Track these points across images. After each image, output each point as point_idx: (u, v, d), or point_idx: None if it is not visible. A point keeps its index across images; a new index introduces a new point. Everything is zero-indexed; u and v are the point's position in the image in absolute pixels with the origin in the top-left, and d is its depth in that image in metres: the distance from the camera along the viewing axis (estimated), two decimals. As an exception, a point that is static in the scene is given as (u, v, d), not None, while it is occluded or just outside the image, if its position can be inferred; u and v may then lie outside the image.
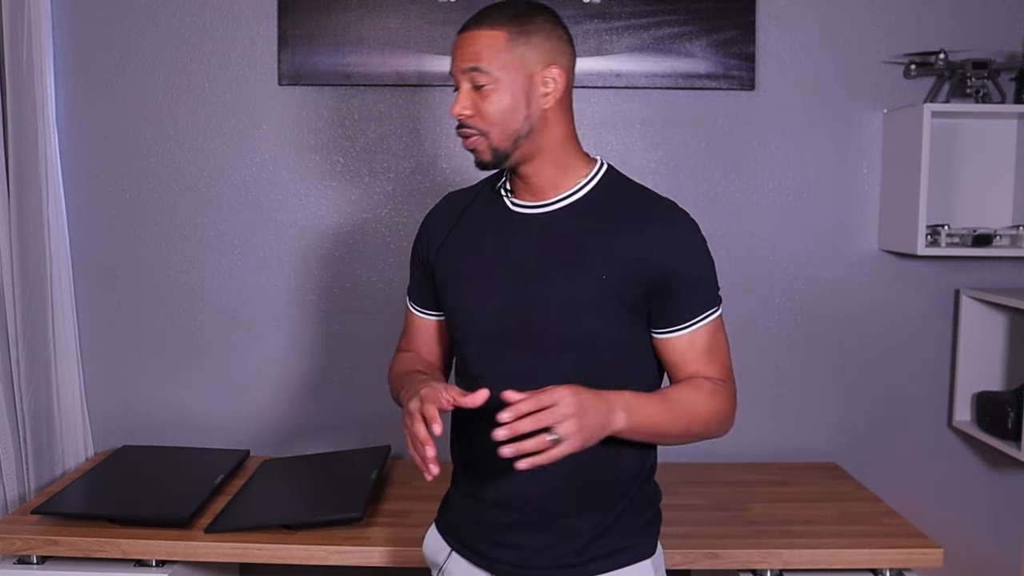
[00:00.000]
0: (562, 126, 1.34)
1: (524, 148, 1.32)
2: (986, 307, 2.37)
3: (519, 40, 1.28)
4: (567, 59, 1.32)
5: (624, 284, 1.30)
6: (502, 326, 1.35)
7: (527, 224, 1.37)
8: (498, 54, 1.28)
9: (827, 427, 2.46)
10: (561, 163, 1.35)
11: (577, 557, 1.36)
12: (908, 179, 2.23)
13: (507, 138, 1.31)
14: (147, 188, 2.41)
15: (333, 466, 2.22)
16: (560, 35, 1.32)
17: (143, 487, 2.10)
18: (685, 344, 1.34)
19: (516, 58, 1.28)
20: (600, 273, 1.30)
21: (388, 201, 2.41)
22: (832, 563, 1.85)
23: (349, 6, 2.33)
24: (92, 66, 2.38)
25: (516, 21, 1.29)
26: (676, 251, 1.31)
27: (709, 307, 1.34)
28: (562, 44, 1.32)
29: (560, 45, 1.32)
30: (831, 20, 2.36)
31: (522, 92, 1.29)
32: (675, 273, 1.30)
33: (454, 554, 1.47)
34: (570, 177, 1.36)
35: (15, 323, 2.32)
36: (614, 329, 1.33)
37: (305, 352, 2.44)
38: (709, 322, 1.34)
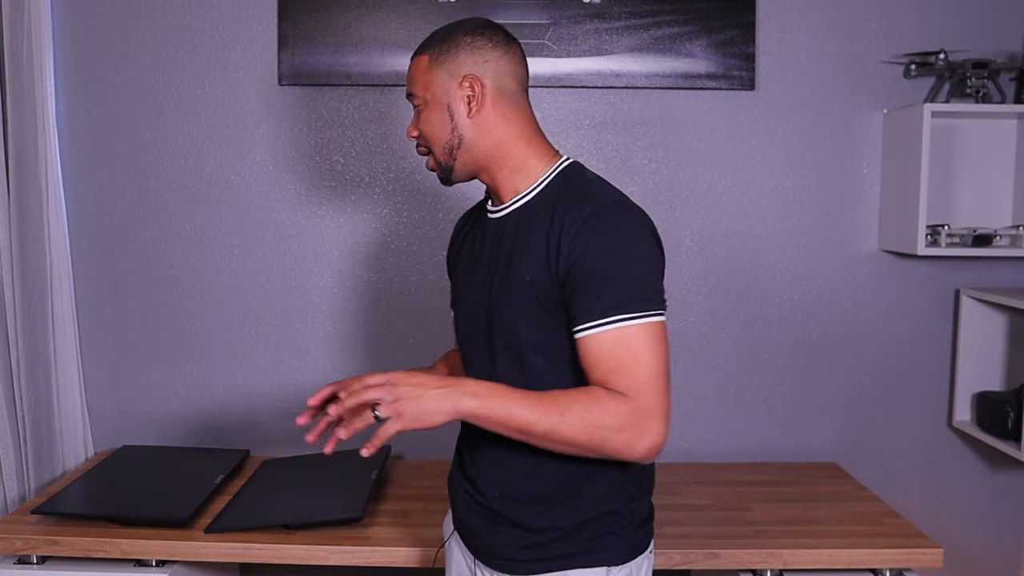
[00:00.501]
0: (502, 131, 1.37)
1: (465, 158, 1.38)
2: (986, 307, 2.37)
3: (437, 61, 1.37)
4: (485, 67, 1.35)
5: (543, 285, 1.30)
6: (468, 327, 1.45)
7: (492, 229, 1.42)
8: (421, 77, 1.38)
9: (827, 427, 2.46)
10: (513, 167, 1.39)
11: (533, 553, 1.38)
12: (908, 179, 2.23)
13: (443, 152, 1.39)
14: (147, 188, 2.41)
15: (333, 466, 2.22)
16: (479, 46, 1.36)
17: (143, 487, 2.09)
18: (590, 347, 1.25)
19: (434, 78, 1.37)
20: (524, 275, 1.32)
21: (388, 201, 2.41)
22: (832, 563, 1.85)
23: (349, 6, 2.33)
24: (92, 66, 2.38)
25: (437, 43, 1.38)
26: (585, 245, 1.26)
27: (620, 311, 1.23)
28: (479, 54, 1.35)
29: (475, 56, 1.35)
30: (831, 20, 2.36)
31: (443, 108, 1.37)
32: (578, 267, 1.26)
33: (456, 532, 1.53)
34: (525, 179, 1.38)
35: (15, 323, 2.32)
36: (536, 332, 1.32)
37: (305, 352, 2.44)
38: (618, 328, 1.23)
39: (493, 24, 1.40)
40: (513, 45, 1.39)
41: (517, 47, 1.40)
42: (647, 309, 1.24)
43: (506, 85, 1.37)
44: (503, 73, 1.36)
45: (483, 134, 1.37)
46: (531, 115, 1.41)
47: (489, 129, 1.37)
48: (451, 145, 1.38)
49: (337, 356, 2.44)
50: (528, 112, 1.40)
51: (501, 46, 1.37)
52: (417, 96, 1.39)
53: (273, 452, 2.42)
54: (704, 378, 2.43)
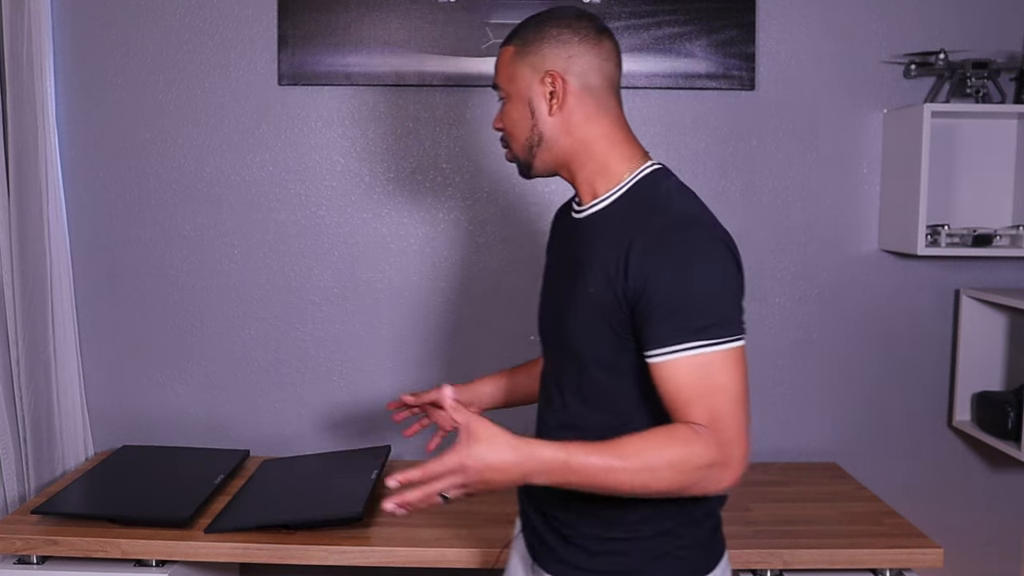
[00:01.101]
0: (584, 131, 1.32)
1: (544, 156, 1.35)
2: (986, 307, 2.37)
3: (522, 52, 1.33)
4: (569, 63, 1.30)
5: (609, 303, 1.24)
6: (542, 329, 1.45)
7: (573, 228, 1.38)
8: (505, 68, 1.35)
9: (827, 427, 2.46)
10: (595, 168, 1.33)
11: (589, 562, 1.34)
12: (908, 179, 2.23)
13: (522, 148, 1.35)
14: (147, 188, 2.41)
15: (333, 466, 2.22)
16: (564, 40, 1.30)
17: (143, 487, 2.10)
18: (666, 374, 1.20)
19: (517, 71, 1.33)
20: (589, 287, 1.27)
21: (388, 201, 2.41)
22: (832, 563, 1.85)
23: (349, 6, 2.33)
24: (92, 66, 2.38)
25: (524, 34, 1.34)
26: (656, 265, 1.20)
27: (698, 338, 1.18)
28: (563, 48, 1.30)
29: (559, 50, 1.30)
30: (831, 20, 2.36)
31: (524, 103, 1.33)
32: (649, 289, 1.20)
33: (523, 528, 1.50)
34: (606, 182, 1.33)
35: (15, 323, 2.32)
36: (600, 348, 1.28)
37: (305, 352, 2.44)
38: (696, 355, 1.18)
39: (585, 15, 1.33)
40: (604, 39, 1.33)
41: (609, 41, 1.33)
42: (725, 335, 1.19)
43: (592, 82, 1.31)
44: (589, 69, 1.31)
45: (564, 133, 1.32)
46: (618, 114, 1.35)
47: (571, 128, 1.32)
48: (531, 143, 1.34)
49: (337, 356, 2.44)
50: (615, 111, 1.34)
51: (589, 40, 1.31)
52: (501, 88, 1.36)
53: (273, 452, 2.42)
54: (704, 378, 2.43)
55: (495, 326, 2.42)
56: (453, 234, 2.41)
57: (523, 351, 2.43)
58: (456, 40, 2.34)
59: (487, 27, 2.34)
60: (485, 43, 2.34)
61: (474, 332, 2.43)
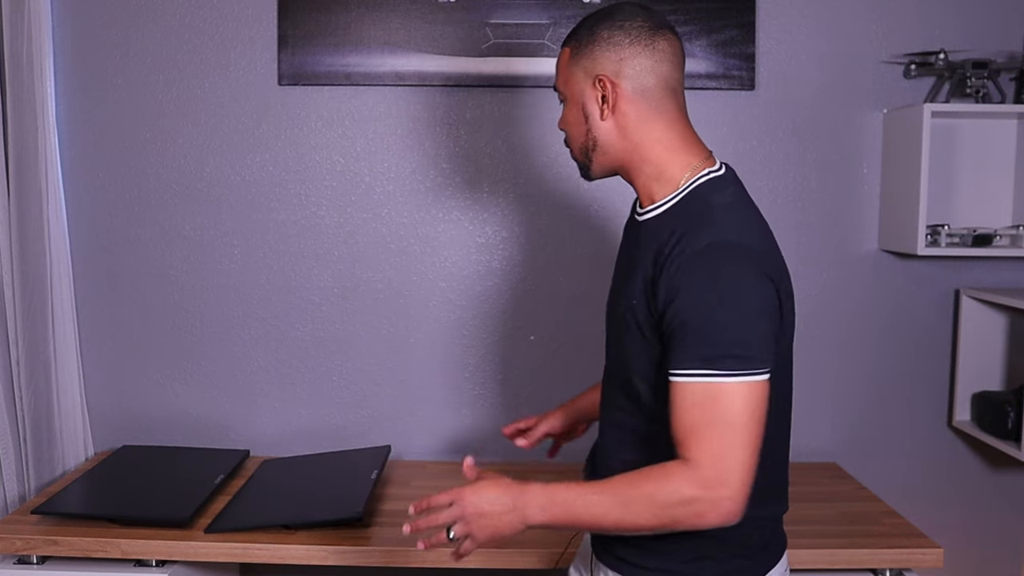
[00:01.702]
0: (639, 136, 1.29)
1: (601, 160, 1.33)
2: (986, 307, 2.37)
3: (576, 56, 1.31)
4: (620, 65, 1.27)
5: (644, 315, 1.23)
6: (606, 325, 1.42)
7: (634, 231, 1.36)
8: (563, 71, 1.34)
9: (827, 427, 2.46)
10: (651, 173, 1.30)
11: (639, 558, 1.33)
12: (908, 179, 2.23)
13: (579, 151, 1.35)
14: (147, 188, 2.41)
15: (333, 466, 2.22)
16: (616, 42, 1.27)
17: (143, 487, 2.10)
18: (676, 395, 1.18)
19: (572, 75, 1.32)
20: (631, 297, 1.26)
21: (388, 201, 2.41)
22: (832, 563, 1.85)
23: (349, 6, 2.33)
24: (92, 66, 2.38)
25: (579, 35, 1.32)
26: (684, 285, 1.17)
27: (712, 366, 1.14)
28: (614, 51, 1.27)
29: (610, 53, 1.27)
30: (831, 20, 2.36)
31: (579, 107, 1.32)
32: (674, 308, 1.18)
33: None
34: (662, 188, 1.30)
35: (15, 323, 2.32)
36: (640, 358, 1.27)
37: (305, 352, 2.44)
38: (707, 383, 1.14)
39: (640, 13, 1.29)
40: (659, 39, 1.28)
41: (665, 41, 1.28)
42: (740, 368, 1.14)
43: (647, 84, 1.27)
44: (642, 72, 1.27)
45: (618, 138, 1.30)
46: (676, 117, 1.30)
47: (625, 133, 1.29)
48: (587, 147, 1.33)
49: (337, 356, 2.44)
50: (673, 114, 1.30)
51: (642, 41, 1.27)
52: (559, 90, 1.36)
53: (273, 452, 2.42)
54: (704, 378, 2.43)
55: (495, 326, 2.43)
56: (453, 234, 2.41)
57: (523, 351, 2.44)
58: (456, 40, 2.34)
59: (487, 27, 2.34)
60: (485, 43, 2.34)
61: (474, 332, 2.43)
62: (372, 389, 2.45)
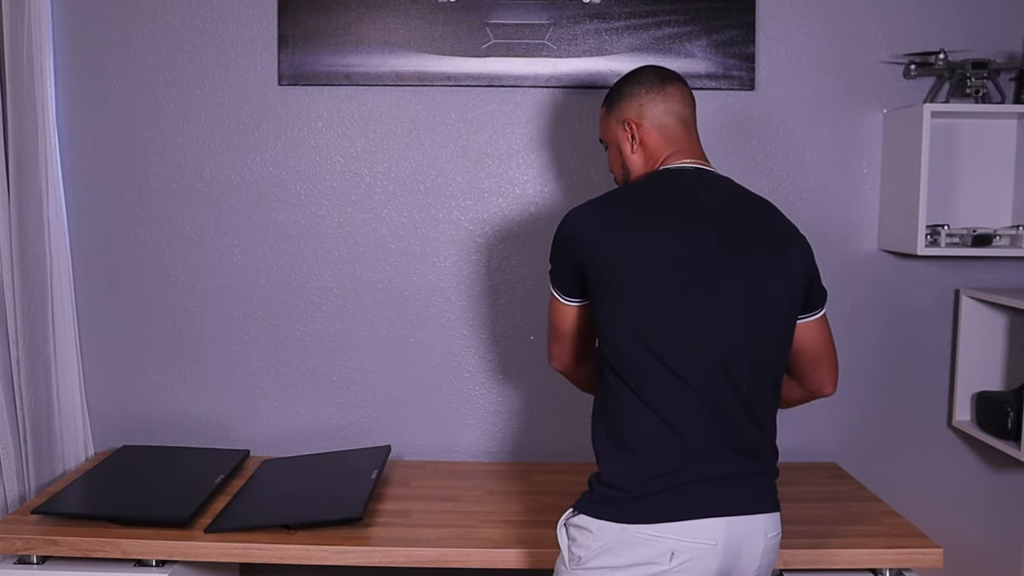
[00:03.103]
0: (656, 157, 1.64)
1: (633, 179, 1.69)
2: (986, 307, 2.37)
3: (609, 112, 1.71)
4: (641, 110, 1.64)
5: None
6: None
7: None
8: (603, 124, 1.74)
9: (827, 427, 2.46)
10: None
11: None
12: (908, 179, 2.23)
13: (620, 182, 1.72)
14: (147, 188, 2.41)
15: (333, 466, 2.22)
16: (635, 94, 1.65)
17: (143, 487, 2.10)
18: None
19: (609, 126, 1.71)
20: None
21: (388, 201, 2.41)
22: (832, 563, 1.85)
23: (349, 6, 2.33)
24: (92, 66, 2.38)
25: (610, 96, 1.71)
26: None
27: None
28: (635, 100, 1.65)
29: (632, 102, 1.65)
30: (831, 20, 2.36)
31: (616, 148, 1.70)
32: None
33: None
34: None
35: (15, 323, 2.32)
36: None
37: (305, 352, 2.44)
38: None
39: (653, 70, 1.68)
40: (668, 86, 1.65)
41: (673, 86, 1.65)
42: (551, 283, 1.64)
43: (664, 122, 1.64)
44: (659, 112, 1.64)
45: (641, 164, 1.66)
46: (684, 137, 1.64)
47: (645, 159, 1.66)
48: (624, 177, 1.70)
49: (336, 356, 2.44)
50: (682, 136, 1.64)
51: (654, 90, 1.64)
52: (602, 141, 1.76)
53: (273, 452, 2.42)
54: (704, 378, 2.43)
55: (495, 326, 2.43)
56: (453, 234, 2.41)
57: (523, 351, 2.44)
58: (456, 40, 2.34)
59: (487, 27, 2.34)
60: (485, 43, 2.34)
61: (474, 332, 2.43)
62: (372, 389, 2.45)
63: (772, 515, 1.52)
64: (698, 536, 1.44)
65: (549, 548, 1.80)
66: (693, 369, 1.47)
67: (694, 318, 1.48)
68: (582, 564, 1.48)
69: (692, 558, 1.43)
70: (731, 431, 1.48)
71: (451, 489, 2.19)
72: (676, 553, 1.43)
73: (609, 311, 1.51)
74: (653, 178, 1.60)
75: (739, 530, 1.46)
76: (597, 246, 1.51)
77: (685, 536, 1.44)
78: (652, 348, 1.47)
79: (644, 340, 1.47)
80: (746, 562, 1.48)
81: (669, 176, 1.59)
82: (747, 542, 1.47)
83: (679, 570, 1.43)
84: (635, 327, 1.48)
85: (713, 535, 1.44)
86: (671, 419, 1.47)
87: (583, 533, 1.49)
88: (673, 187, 1.58)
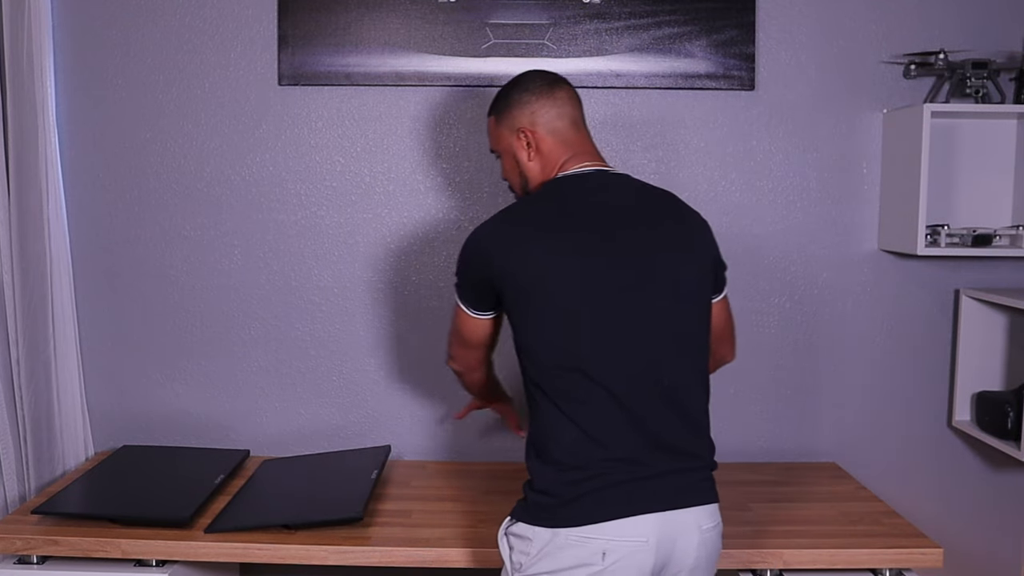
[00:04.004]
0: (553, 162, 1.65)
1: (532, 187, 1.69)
2: (986, 307, 2.37)
3: (499, 121, 1.71)
4: (534, 117, 1.65)
5: None
6: None
7: None
8: (493, 133, 1.74)
9: (827, 427, 2.46)
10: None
11: None
12: (908, 179, 2.23)
13: (520, 189, 1.73)
14: (147, 188, 2.41)
15: (333, 466, 2.23)
16: (525, 101, 1.66)
17: (143, 487, 2.10)
18: None
19: (501, 135, 1.71)
20: None
21: (388, 201, 2.41)
22: (832, 563, 1.85)
23: (349, 6, 2.33)
24: (92, 66, 2.38)
25: (498, 104, 1.71)
26: None
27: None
28: (526, 108, 1.65)
29: (524, 110, 1.66)
30: (831, 20, 2.37)
31: (511, 156, 1.70)
32: None
33: None
34: None
35: (15, 323, 2.32)
36: None
37: (305, 352, 2.44)
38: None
39: (539, 76, 1.69)
40: (556, 90, 1.67)
41: (561, 90, 1.67)
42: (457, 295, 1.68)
43: (557, 126, 1.65)
44: (551, 117, 1.65)
45: (541, 170, 1.66)
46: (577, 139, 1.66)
47: (543, 165, 1.66)
48: (522, 185, 1.71)
49: (337, 356, 2.44)
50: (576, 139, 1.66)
51: (544, 95, 1.66)
52: (494, 151, 1.75)
53: (273, 452, 2.42)
54: (704, 378, 2.43)
55: (495, 326, 2.43)
56: (453, 234, 2.41)
57: (523, 351, 2.43)
58: (456, 40, 2.34)
59: (487, 27, 2.34)
60: (485, 43, 2.34)
61: (474, 332, 2.43)
62: (372, 389, 2.45)
63: (707, 507, 1.54)
64: (628, 534, 1.46)
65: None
66: (615, 379, 1.50)
67: (613, 328, 1.50)
68: (523, 571, 1.51)
69: (624, 556, 1.46)
70: (657, 434, 1.50)
71: (451, 489, 2.19)
72: (608, 552, 1.45)
73: (527, 327, 1.54)
74: (555, 186, 1.62)
75: (671, 525, 1.48)
76: (508, 263, 1.54)
77: (615, 535, 1.46)
78: (571, 362, 1.50)
79: (563, 355, 1.50)
80: (681, 556, 1.50)
81: (571, 182, 1.61)
82: (680, 536, 1.49)
83: (613, 569, 1.45)
84: (554, 342, 1.51)
85: (644, 532, 1.46)
86: (592, 431, 1.49)
87: (522, 541, 1.52)
88: (577, 194, 1.60)
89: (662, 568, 1.50)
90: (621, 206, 1.58)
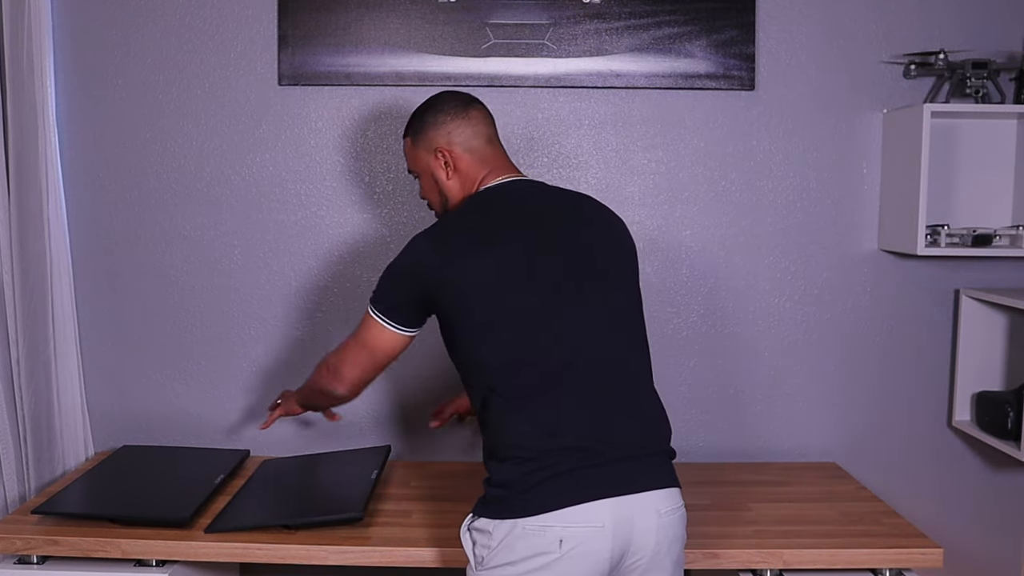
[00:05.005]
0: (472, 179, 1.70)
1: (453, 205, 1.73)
2: (986, 307, 2.37)
3: (415, 142, 1.74)
4: (450, 137, 1.69)
5: None
6: None
7: None
8: (410, 155, 1.78)
9: (827, 427, 2.46)
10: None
11: None
12: (908, 179, 2.23)
13: (440, 207, 1.77)
14: (147, 188, 2.41)
15: (333, 466, 2.22)
16: (440, 122, 1.70)
17: (143, 487, 2.10)
18: None
19: (418, 156, 1.75)
20: None
21: (388, 201, 2.41)
22: (832, 563, 1.85)
23: (349, 6, 2.33)
24: (92, 66, 2.38)
25: (414, 125, 1.75)
26: None
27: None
28: (442, 128, 1.70)
29: (440, 131, 1.70)
30: (831, 20, 2.37)
31: (430, 176, 1.74)
32: None
33: None
34: None
35: (15, 323, 2.32)
36: None
37: (305, 352, 2.44)
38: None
39: (452, 97, 1.73)
40: (471, 109, 1.71)
41: (476, 109, 1.72)
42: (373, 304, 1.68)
43: (473, 144, 1.70)
44: (467, 136, 1.70)
45: (460, 188, 1.71)
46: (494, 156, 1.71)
47: (463, 182, 1.70)
48: (442, 203, 1.75)
49: (337, 356, 2.44)
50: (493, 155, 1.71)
51: (459, 115, 1.70)
52: (412, 171, 1.79)
53: (273, 452, 2.42)
54: (703, 378, 2.43)
55: (495, 326, 2.42)
56: (453, 234, 2.41)
57: (523, 351, 2.43)
58: (456, 40, 2.34)
59: (487, 27, 2.34)
60: (485, 43, 2.34)
61: (474, 332, 2.43)
62: (371, 389, 2.44)
63: (666, 491, 1.55)
64: (583, 520, 1.47)
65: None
66: (560, 375, 1.52)
67: (560, 319, 1.54)
68: (485, 565, 1.53)
69: (581, 543, 1.47)
70: (607, 424, 1.52)
71: (451, 489, 2.18)
72: (564, 540, 1.47)
73: (473, 332, 1.57)
74: (480, 198, 1.67)
75: (627, 509, 1.49)
76: (450, 273, 1.56)
77: (571, 522, 1.47)
78: (522, 357, 1.53)
79: (514, 352, 1.54)
80: (640, 541, 1.51)
81: (495, 192, 1.67)
82: (638, 519, 1.50)
83: (571, 556, 1.46)
84: (503, 341, 1.54)
85: (599, 517, 1.47)
86: (544, 423, 1.52)
87: (483, 535, 1.54)
88: (504, 201, 1.66)
89: (622, 555, 1.50)
90: (548, 205, 1.66)
